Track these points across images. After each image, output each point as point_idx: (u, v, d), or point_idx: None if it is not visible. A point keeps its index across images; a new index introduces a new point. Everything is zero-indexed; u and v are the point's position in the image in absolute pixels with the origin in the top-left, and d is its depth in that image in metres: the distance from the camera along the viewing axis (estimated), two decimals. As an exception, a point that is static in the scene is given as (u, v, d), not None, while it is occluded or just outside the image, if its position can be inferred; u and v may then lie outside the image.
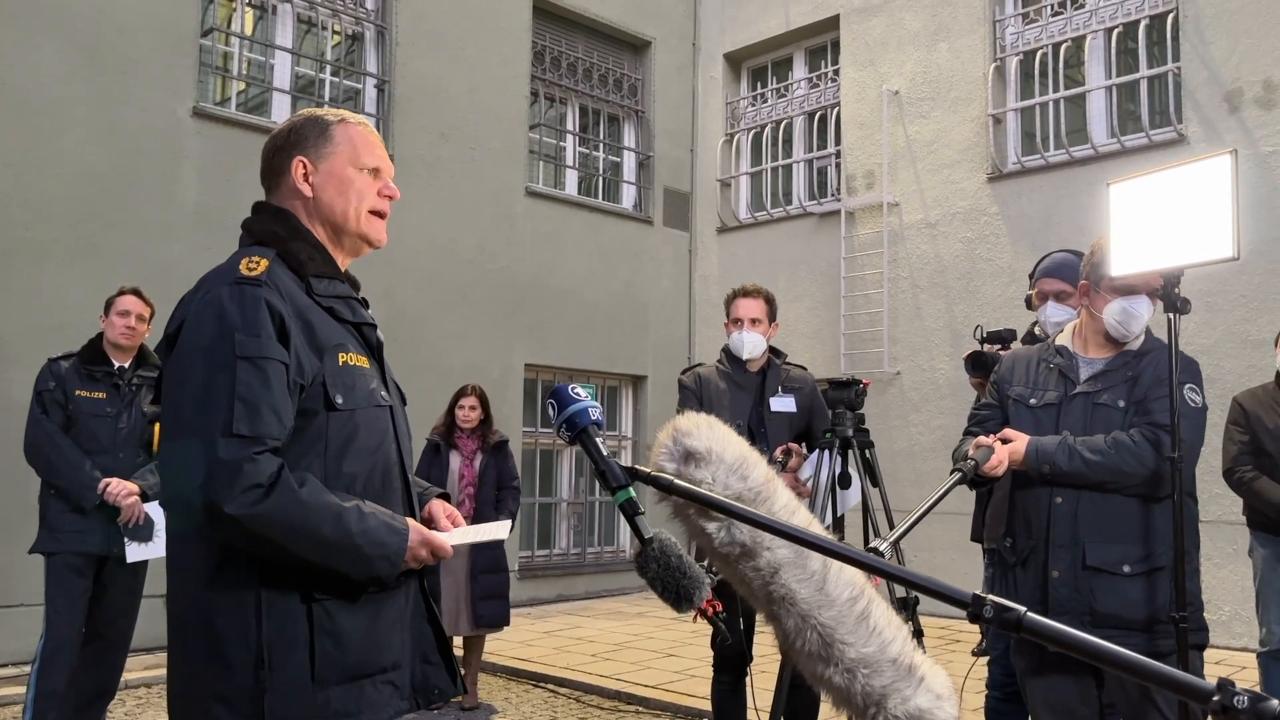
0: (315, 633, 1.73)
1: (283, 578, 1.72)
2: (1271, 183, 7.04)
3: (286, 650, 1.71)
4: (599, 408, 1.51)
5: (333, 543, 1.69)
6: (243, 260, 1.81)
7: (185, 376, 1.72)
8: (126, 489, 4.18)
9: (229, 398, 1.66)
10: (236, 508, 1.62)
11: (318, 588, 1.74)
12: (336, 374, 1.81)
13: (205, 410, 1.67)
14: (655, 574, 1.39)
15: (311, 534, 1.68)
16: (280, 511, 1.65)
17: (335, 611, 1.75)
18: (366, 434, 1.85)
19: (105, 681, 4.36)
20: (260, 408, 1.68)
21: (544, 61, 9.81)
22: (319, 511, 1.69)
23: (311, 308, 1.83)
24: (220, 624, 1.71)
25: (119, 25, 6.98)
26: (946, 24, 8.84)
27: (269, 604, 1.71)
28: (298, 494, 1.67)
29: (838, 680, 1.43)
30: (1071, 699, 2.79)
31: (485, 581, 5.52)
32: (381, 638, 1.82)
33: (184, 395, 1.72)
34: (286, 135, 1.97)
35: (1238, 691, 0.98)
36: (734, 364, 4.15)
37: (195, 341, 1.73)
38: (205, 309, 1.75)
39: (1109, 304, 2.82)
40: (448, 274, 8.67)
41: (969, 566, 6.75)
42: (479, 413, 5.75)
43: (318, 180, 1.93)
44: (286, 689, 1.70)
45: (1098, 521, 2.73)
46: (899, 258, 9.01)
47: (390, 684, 1.83)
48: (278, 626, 1.71)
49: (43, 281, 6.52)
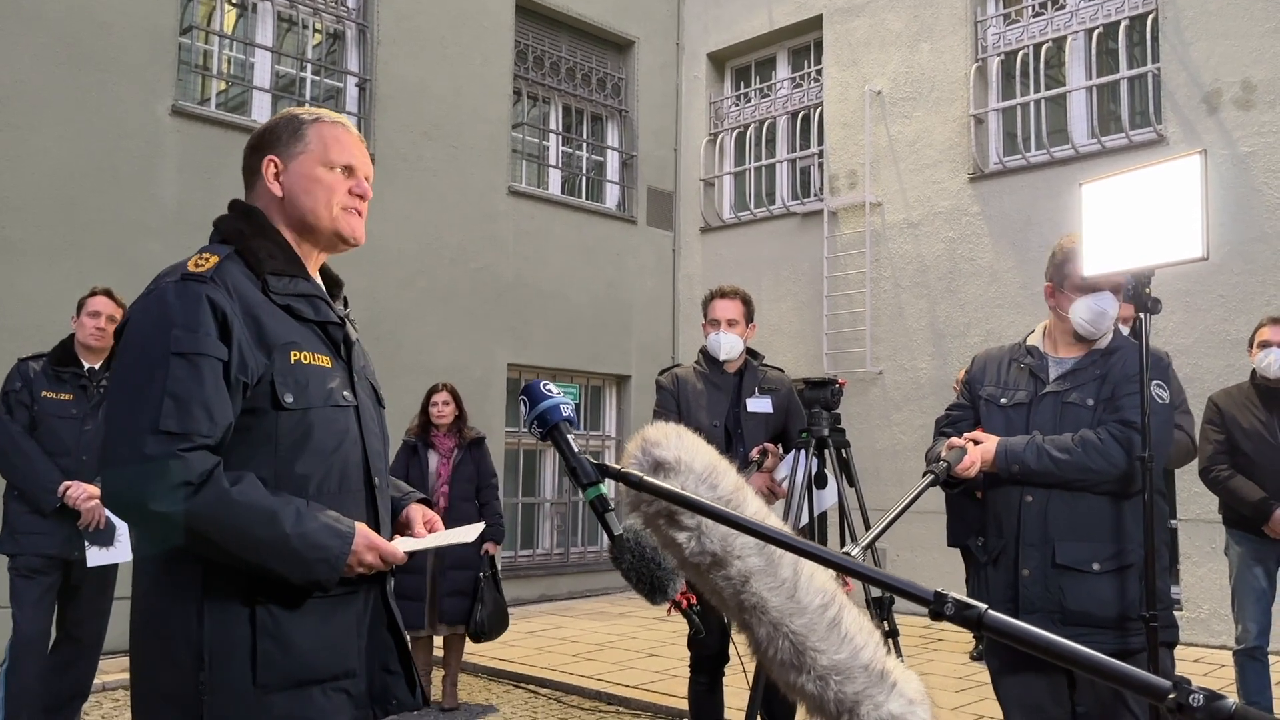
0: (258, 636, 1.70)
1: (227, 579, 1.69)
2: (1249, 183, 7.08)
3: (228, 653, 1.69)
4: (570, 404, 1.50)
5: (266, 544, 1.66)
6: (193, 257, 1.80)
7: (122, 373, 1.73)
8: (87, 492, 4.14)
9: (159, 394, 1.65)
10: (163, 505, 1.60)
11: (262, 591, 1.71)
12: (287, 372, 1.78)
13: (136, 407, 1.66)
14: (629, 565, 1.39)
15: (243, 534, 1.65)
16: (208, 510, 1.62)
17: (280, 615, 1.72)
18: (322, 434, 1.81)
19: (78, 684, 4.34)
20: (190, 404, 1.65)
21: (527, 60, 9.80)
22: (251, 511, 1.65)
23: (263, 305, 1.80)
24: (169, 624, 1.70)
25: (99, 23, 6.94)
26: (929, 24, 8.87)
27: (211, 605, 1.69)
28: (228, 492, 1.64)
29: (810, 688, 1.43)
30: (1043, 698, 2.80)
31: (453, 578, 5.49)
32: (334, 643, 1.78)
33: (118, 392, 1.72)
34: (261, 135, 1.97)
35: (1194, 689, 0.99)
36: (711, 365, 4.15)
37: (134, 338, 1.74)
38: (149, 306, 1.75)
39: (1074, 303, 2.84)
40: (430, 273, 8.65)
41: (950, 566, 6.78)
42: (453, 408, 5.72)
43: (287, 180, 1.92)
44: (226, 692, 1.68)
45: (1068, 520, 2.74)
46: (881, 257, 9.03)
47: (344, 692, 1.80)
48: (219, 628, 1.69)
49: (19, 280, 6.47)
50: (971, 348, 7.64)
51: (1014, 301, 8.07)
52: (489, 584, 5.54)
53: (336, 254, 2.01)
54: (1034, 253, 7.76)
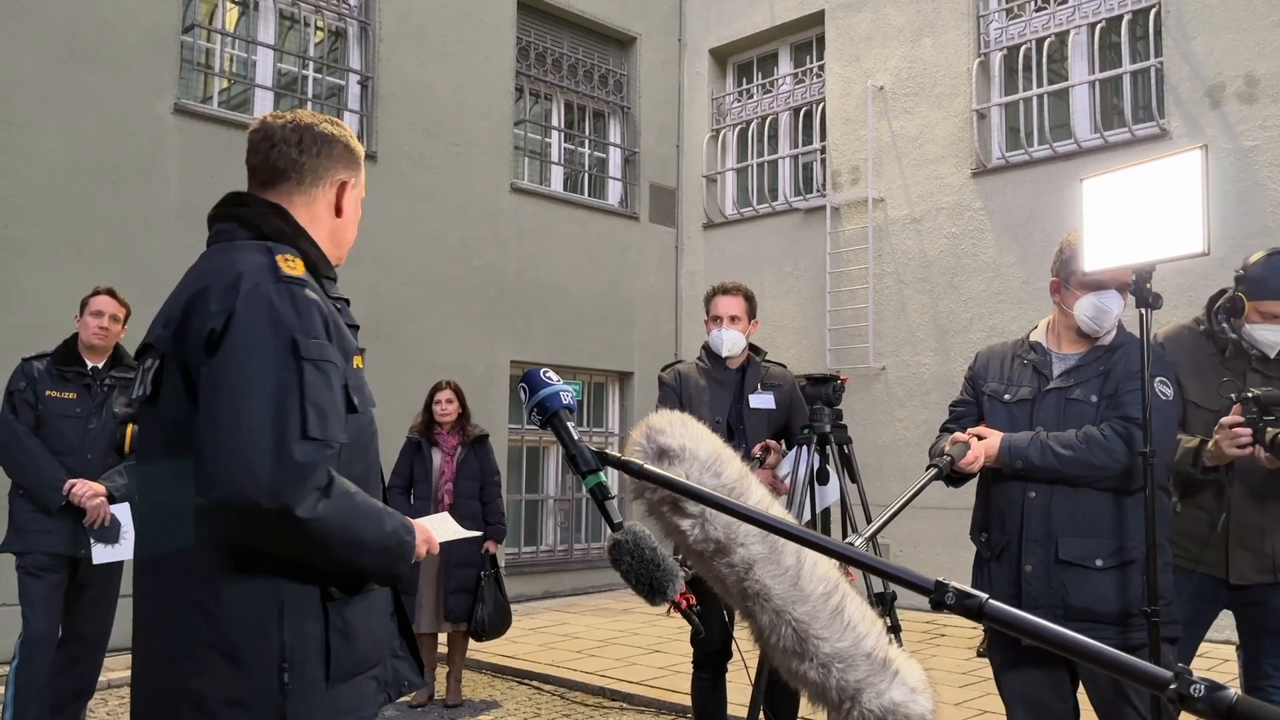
0: (330, 632, 1.73)
1: (303, 579, 1.71)
2: (1253, 178, 7.07)
3: (306, 651, 1.71)
4: (571, 392, 1.51)
5: (372, 544, 1.72)
6: (279, 256, 1.76)
7: (245, 376, 1.64)
8: (91, 490, 4.16)
9: (300, 400, 1.64)
10: (306, 511, 1.60)
11: (333, 586, 1.74)
12: (354, 377, 1.83)
13: (279, 412, 1.62)
14: (629, 566, 1.39)
15: (355, 535, 1.69)
16: (337, 514, 1.65)
17: (345, 610, 1.76)
18: (367, 437, 1.87)
19: (84, 681, 4.35)
20: (327, 411, 1.67)
21: (529, 57, 9.79)
22: (366, 514, 1.71)
23: (333, 311, 1.82)
24: (235, 627, 1.67)
25: (101, 21, 6.95)
26: (931, 19, 8.85)
27: (291, 606, 1.70)
28: (351, 496, 1.68)
29: (813, 675, 1.44)
30: (1045, 693, 2.80)
31: (457, 575, 5.51)
32: (376, 633, 1.85)
33: (247, 395, 1.63)
34: (331, 145, 1.95)
35: (1195, 680, 0.99)
36: (714, 361, 4.15)
37: (251, 340, 1.66)
38: (256, 307, 1.68)
39: (1079, 300, 2.84)
40: (433, 271, 8.65)
41: (954, 562, 6.79)
42: (456, 406, 5.73)
43: (348, 208, 1.98)
44: (306, 690, 1.70)
45: (1070, 516, 2.74)
46: (884, 253, 9.03)
47: (375, 679, 1.85)
48: (298, 628, 1.70)
49: (22, 279, 6.49)
50: (974, 343, 7.63)
51: (1017, 297, 8.06)
52: (490, 583, 5.55)
53: None
54: (1037, 248, 7.76)
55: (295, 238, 1.86)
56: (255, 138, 1.93)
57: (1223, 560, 3.14)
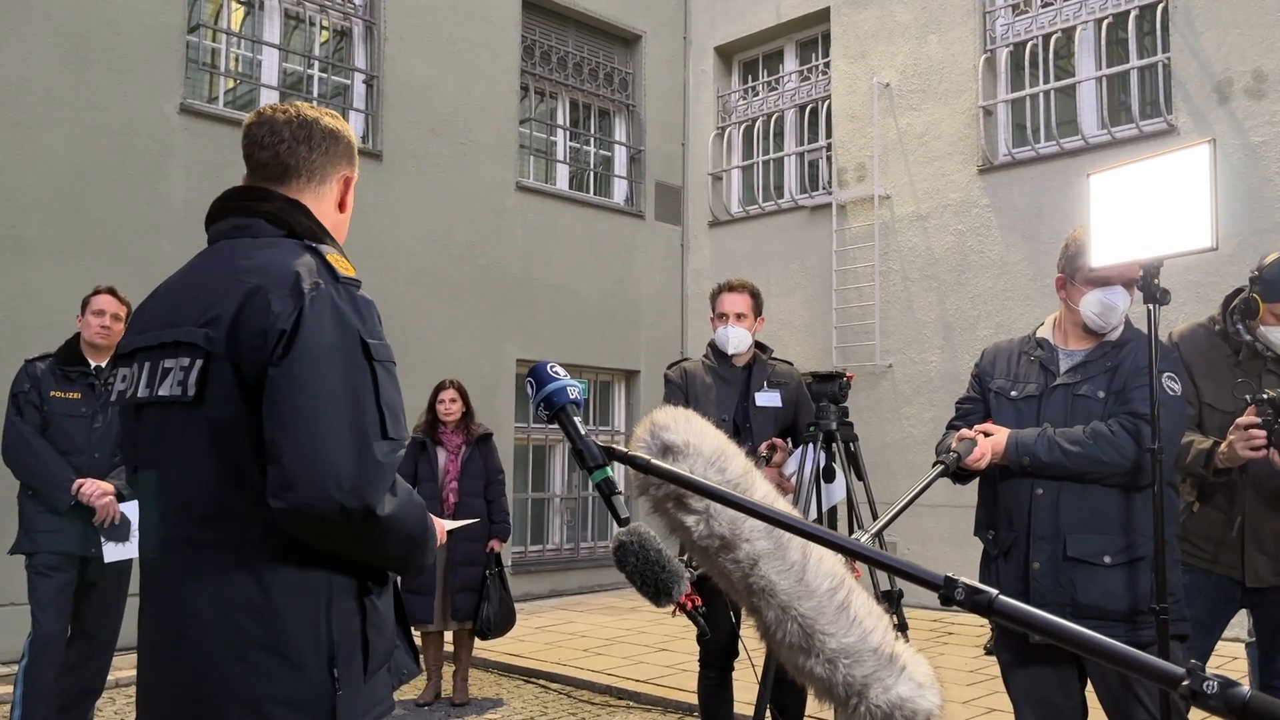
0: (367, 626, 1.76)
1: (346, 575, 1.73)
2: (1261, 173, 7.03)
3: (351, 647, 1.73)
4: (578, 387, 1.50)
5: (416, 539, 1.76)
6: (330, 255, 1.77)
7: (321, 378, 1.64)
8: (100, 489, 4.17)
9: (376, 401, 1.68)
10: (384, 508, 1.64)
11: (369, 580, 1.77)
12: None
13: (358, 414, 1.65)
14: (633, 568, 1.38)
15: (408, 532, 1.73)
16: (403, 510, 1.69)
17: (378, 604, 1.79)
18: None
19: (92, 680, 4.36)
20: (399, 412, 1.73)
21: (534, 56, 9.79)
22: (418, 510, 1.76)
23: None
24: (289, 626, 1.66)
25: (106, 21, 6.96)
26: (937, 16, 8.83)
27: (336, 602, 1.71)
28: (411, 492, 1.75)
29: (819, 671, 1.43)
30: (1053, 691, 2.79)
31: (463, 574, 5.52)
32: (393, 625, 1.88)
33: (326, 398, 1.64)
34: (337, 140, 1.94)
35: (1208, 677, 0.97)
36: (720, 359, 4.14)
37: (323, 342, 1.66)
38: (322, 309, 1.68)
39: (1085, 296, 2.83)
40: (438, 270, 8.65)
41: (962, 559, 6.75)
42: (460, 405, 5.74)
43: (350, 201, 1.99)
44: (352, 684, 1.72)
45: (1078, 513, 2.73)
46: (890, 250, 9.00)
47: (387, 669, 1.87)
48: (344, 624, 1.72)
49: (30, 279, 6.50)
50: (982, 340, 7.60)
51: (1024, 294, 8.04)
52: (495, 581, 5.56)
53: None
54: (1044, 244, 7.73)
55: (323, 235, 1.86)
56: (260, 132, 1.88)
57: (1238, 562, 3.13)
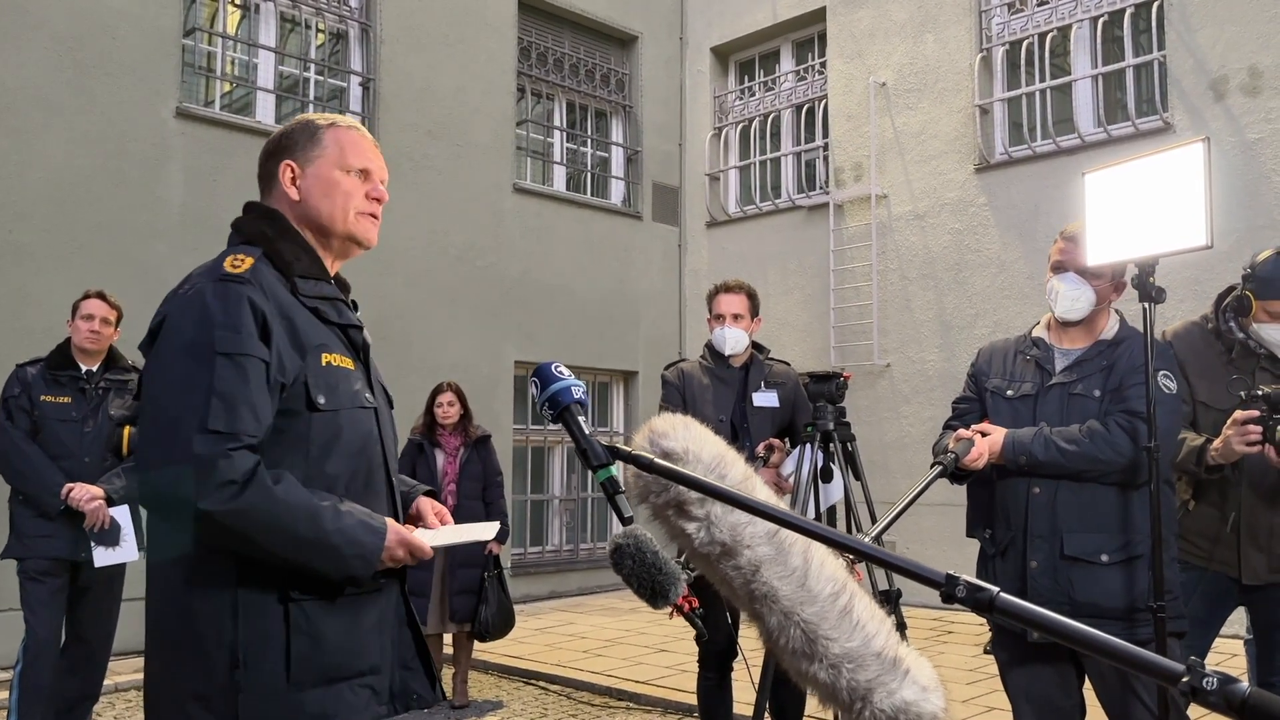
0: (292, 633, 1.72)
1: (261, 577, 1.71)
2: (1257, 170, 7.04)
3: (262, 650, 1.70)
4: (582, 386, 1.50)
5: (308, 541, 1.69)
6: (228, 258, 1.82)
7: (164, 372, 1.73)
8: (90, 494, 4.16)
9: (206, 393, 1.66)
10: (210, 504, 1.62)
11: (295, 588, 1.73)
12: (319, 374, 1.81)
13: (182, 406, 1.68)
14: (630, 570, 1.38)
15: (286, 531, 1.68)
16: (253, 508, 1.65)
17: (313, 612, 1.75)
18: (350, 435, 1.85)
19: (88, 685, 4.36)
20: (237, 404, 1.68)
21: (530, 57, 9.79)
22: (294, 509, 1.69)
23: (295, 307, 1.83)
24: (198, 623, 1.71)
25: (102, 26, 6.95)
26: (933, 15, 8.83)
27: (245, 603, 1.71)
28: (272, 491, 1.67)
29: (823, 676, 1.43)
30: (1052, 689, 2.79)
31: (462, 576, 5.51)
32: (361, 640, 1.81)
33: (161, 391, 1.72)
34: (278, 140, 1.99)
35: (1207, 673, 0.97)
36: (717, 359, 4.14)
37: (175, 337, 1.74)
38: (187, 305, 1.76)
39: (1047, 284, 2.86)
40: (436, 271, 8.65)
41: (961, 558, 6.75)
42: (458, 408, 5.74)
43: (305, 184, 1.94)
44: (261, 690, 1.70)
45: (1075, 511, 2.73)
46: (888, 249, 9.01)
47: (369, 688, 1.82)
48: (254, 626, 1.71)
49: (28, 284, 6.49)
50: (979, 339, 7.60)
51: (1021, 292, 8.04)
52: (494, 583, 5.56)
53: (349, 259, 2.03)
54: (1041, 243, 7.72)
55: (277, 239, 1.89)
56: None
57: (1234, 559, 3.13)
